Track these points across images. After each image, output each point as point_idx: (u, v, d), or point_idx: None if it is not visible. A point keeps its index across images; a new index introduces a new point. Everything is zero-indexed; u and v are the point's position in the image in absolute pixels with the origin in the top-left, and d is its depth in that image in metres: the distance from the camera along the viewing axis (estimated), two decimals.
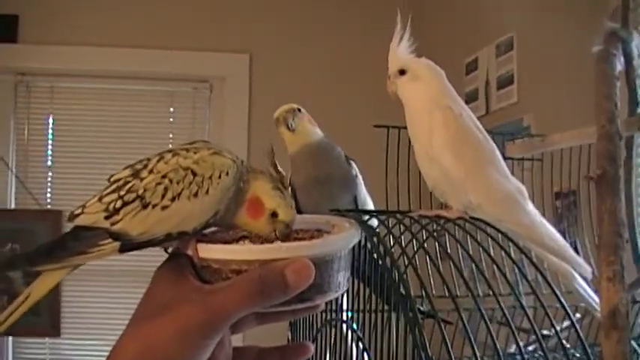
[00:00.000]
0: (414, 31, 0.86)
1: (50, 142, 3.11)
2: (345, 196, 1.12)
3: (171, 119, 3.16)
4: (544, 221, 0.80)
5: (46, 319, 2.91)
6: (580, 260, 0.79)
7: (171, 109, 3.15)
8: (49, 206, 3.06)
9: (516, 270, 0.95)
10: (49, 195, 3.08)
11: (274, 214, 0.58)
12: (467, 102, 2.42)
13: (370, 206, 1.14)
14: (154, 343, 0.50)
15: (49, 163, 3.10)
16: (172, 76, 3.12)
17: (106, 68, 3.06)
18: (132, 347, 0.50)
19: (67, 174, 3.09)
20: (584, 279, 0.82)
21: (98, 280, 2.95)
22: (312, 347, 0.66)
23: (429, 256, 0.67)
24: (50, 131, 3.11)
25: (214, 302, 0.51)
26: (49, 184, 3.10)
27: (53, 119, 3.11)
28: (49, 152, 3.11)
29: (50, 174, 3.10)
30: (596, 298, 0.82)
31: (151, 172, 0.57)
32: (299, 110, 1.13)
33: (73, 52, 3.01)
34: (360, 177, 1.16)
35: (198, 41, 3.06)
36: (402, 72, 0.86)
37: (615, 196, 0.51)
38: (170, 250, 0.60)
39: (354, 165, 1.16)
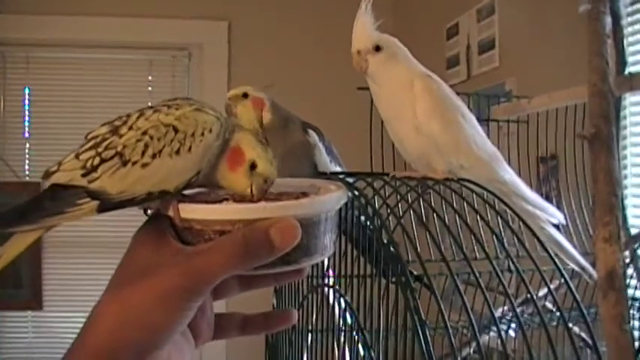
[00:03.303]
0: None
1: (27, 113, 3.06)
2: (303, 167, 1.09)
3: (150, 88, 3.13)
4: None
5: (27, 292, 2.89)
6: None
7: (150, 78, 3.12)
8: (27, 178, 3.03)
9: (501, 232, 0.97)
10: (27, 167, 3.05)
11: (253, 166, 0.56)
12: (448, 67, 2.43)
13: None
14: (135, 309, 0.48)
15: (27, 134, 3.06)
16: (150, 44, 3.08)
17: (82, 37, 3.00)
18: (112, 313, 0.49)
19: (46, 145, 3.05)
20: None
21: (80, 252, 2.93)
22: (296, 314, 0.64)
23: (417, 217, 0.66)
24: (27, 102, 3.06)
25: (196, 265, 0.49)
26: (27, 156, 3.06)
27: (30, 90, 3.06)
28: (27, 123, 3.06)
29: (28, 146, 3.06)
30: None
31: (130, 128, 0.55)
32: (244, 95, 1.07)
33: (48, 22, 2.95)
34: (319, 145, 1.12)
35: (176, 9, 3.01)
36: (378, 48, 0.85)
37: (610, 155, 0.50)
38: (150, 212, 0.59)
39: (312, 134, 1.13)
